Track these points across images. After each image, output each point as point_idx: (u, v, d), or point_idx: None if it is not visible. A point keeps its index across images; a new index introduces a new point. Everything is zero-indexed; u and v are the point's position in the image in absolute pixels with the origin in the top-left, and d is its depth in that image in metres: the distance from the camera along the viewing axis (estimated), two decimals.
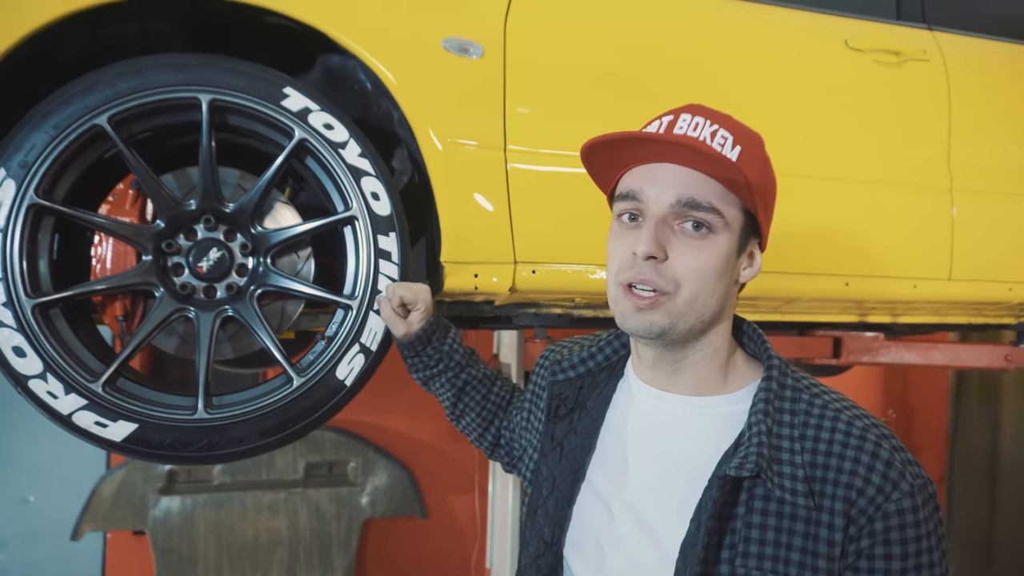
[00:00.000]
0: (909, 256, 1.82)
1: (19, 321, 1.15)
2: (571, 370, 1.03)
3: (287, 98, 1.29)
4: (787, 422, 0.84)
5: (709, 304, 0.86)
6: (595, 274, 1.55)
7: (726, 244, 0.85)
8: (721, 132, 0.84)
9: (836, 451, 0.80)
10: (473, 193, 1.42)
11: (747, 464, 0.79)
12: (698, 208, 0.83)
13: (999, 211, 1.91)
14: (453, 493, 4.01)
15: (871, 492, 0.77)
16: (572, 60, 1.54)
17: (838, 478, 0.79)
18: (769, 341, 0.92)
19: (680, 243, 0.84)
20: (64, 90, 1.19)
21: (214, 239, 1.28)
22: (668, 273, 0.84)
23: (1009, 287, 1.93)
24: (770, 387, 0.85)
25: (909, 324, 2.22)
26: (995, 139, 1.93)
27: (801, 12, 1.77)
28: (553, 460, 0.97)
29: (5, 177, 1.15)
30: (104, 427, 1.19)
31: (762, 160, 0.88)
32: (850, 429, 0.81)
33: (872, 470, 0.78)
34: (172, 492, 3.46)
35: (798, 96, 1.72)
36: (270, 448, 1.32)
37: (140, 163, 1.20)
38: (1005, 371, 2.25)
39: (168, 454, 1.23)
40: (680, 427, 0.90)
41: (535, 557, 0.95)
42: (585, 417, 0.97)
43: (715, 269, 0.85)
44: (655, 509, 0.87)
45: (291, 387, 1.29)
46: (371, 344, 1.33)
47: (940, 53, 1.89)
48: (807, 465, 0.81)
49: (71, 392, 1.17)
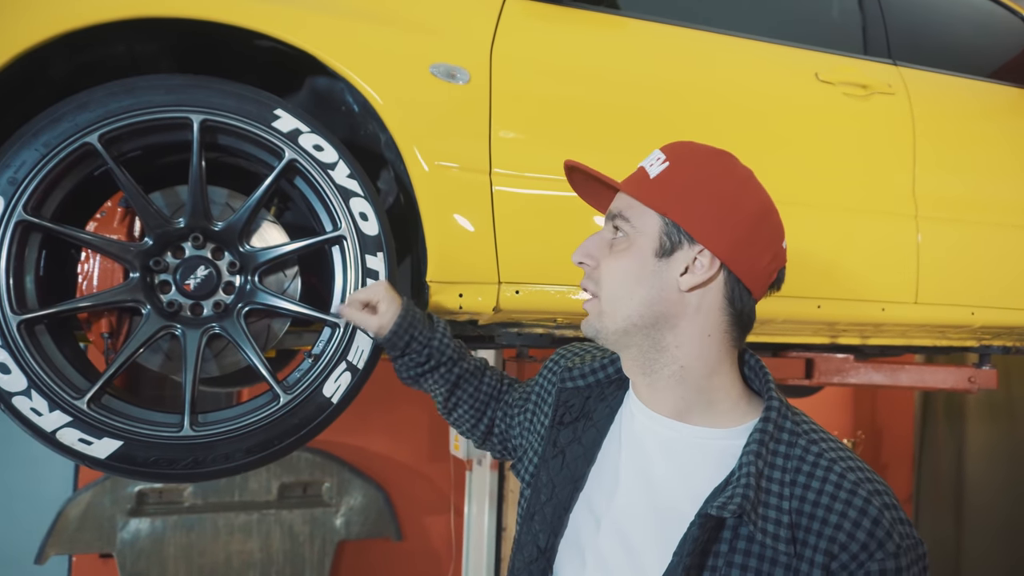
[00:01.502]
0: (877, 280, 1.88)
1: (4, 337, 1.14)
2: (580, 379, 1.05)
3: (278, 119, 1.31)
4: (780, 466, 0.84)
5: (631, 304, 0.90)
6: (576, 294, 1.58)
7: (640, 249, 0.90)
8: (657, 155, 0.93)
9: (824, 502, 0.79)
10: (459, 214, 1.45)
11: (730, 505, 0.79)
12: (615, 218, 0.94)
13: (961, 238, 1.99)
14: (428, 514, 3.99)
15: (854, 548, 0.77)
16: (554, 88, 1.59)
17: (822, 529, 0.78)
18: (772, 378, 0.92)
19: (607, 250, 0.94)
20: (55, 109, 1.19)
21: (202, 257, 1.29)
22: (595, 276, 0.94)
23: (972, 311, 2.01)
24: (766, 428, 0.85)
25: (878, 346, 2.29)
26: (956, 169, 2.01)
27: (774, 45, 1.84)
28: (554, 467, 0.98)
29: None
30: (88, 444, 1.18)
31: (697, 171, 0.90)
32: (841, 482, 0.80)
33: (858, 526, 0.77)
34: (141, 514, 3.40)
35: (772, 125, 1.79)
36: (255, 466, 1.32)
37: (130, 181, 1.21)
38: (969, 392, 2.32)
39: (153, 471, 1.22)
40: (669, 454, 0.90)
41: (528, 562, 0.95)
42: (590, 428, 0.99)
43: (628, 270, 0.90)
44: (639, 532, 0.88)
45: (278, 404, 1.30)
46: (358, 362, 1.34)
47: (904, 87, 1.97)
48: (794, 512, 0.80)
49: (55, 409, 1.16)
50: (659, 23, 1.73)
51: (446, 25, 1.51)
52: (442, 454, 3.95)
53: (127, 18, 1.23)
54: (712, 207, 0.89)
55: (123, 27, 1.28)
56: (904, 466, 4.51)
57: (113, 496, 3.39)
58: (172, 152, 1.33)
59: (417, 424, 3.99)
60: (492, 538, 3.61)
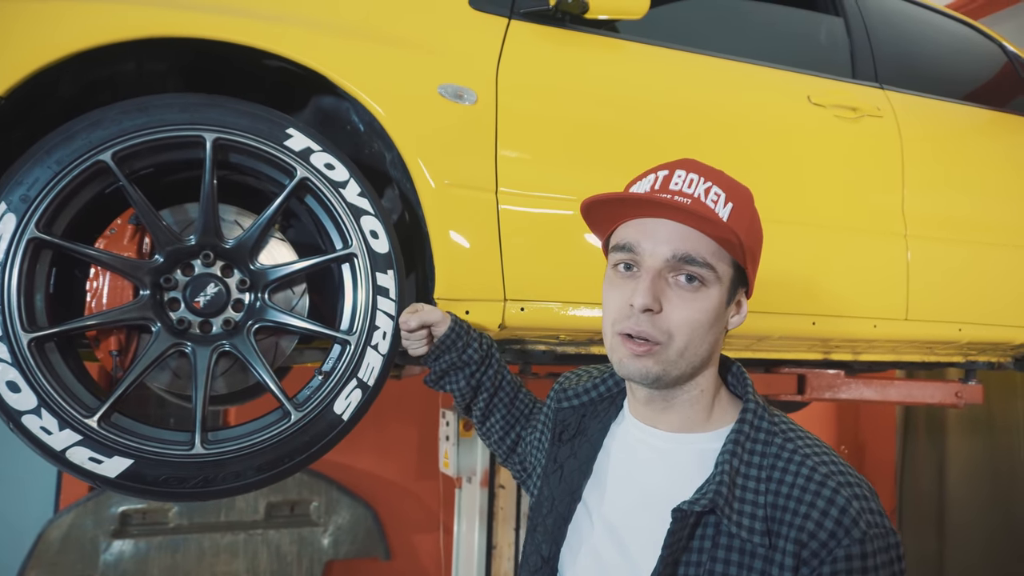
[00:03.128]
0: (870, 297, 1.93)
1: (14, 355, 1.13)
2: (575, 399, 1.10)
3: (290, 138, 1.32)
4: (756, 463, 0.87)
5: (699, 352, 0.90)
6: (579, 312, 1.60)
7: (717, 296, 0.89)
8: (715, 190, 0.89)
9: (795, 494, 0.83)
10: (466, 233, 1.47)
11: (701, 500, 0.84)
12: (693, 263, 0.87)
13: (949, 256, 2.04)
14: (417, 532, 3.96)
15: (823, 536, 0.80)
16: (557, 108, 1.62)
17: (793, 520, 0.82)
18: (752, 383, 0.96)
19: (675, 295, 0.88)
20: (68, 126, 1.20)
21: (211, 275, 1.29)
22: (663, 325, 0.88)
23: (959, 327, 2.06)
24: (742, 429, 0.89)
25: (866, 362, 2.34)
26: (943, 189, 2.07)
27: (769, 69, 1.89)
28: (553, 482, 1.03)
29: (6, 211, 1.15)
30: (99, 463, 1.17)
31: (751, 216, 0.93)
32: (812, 475, 0.84)
33: (826, 515, 0.80)
34: (125, 535, 3.34)
35: (768, 146, 1.83)
36: (266, 484, 1.31)
37: (142, 199, 1.21)
38: (955, 407, 2.37)
39: (163, 490, 1.21)
40: (661, 461, 0.94)
41: (533, 572, 1.00)
42: (585, 444, 1.03)
43: (707, 321, 0.89)
44: (632, 534, 0.92)
45: (289, 422, 1.30)
46: (368, 379, 1.35)
47: (892, 110, 2.03)
48: (768, 506, 0.84)
49: (65, 428, 1.16)
50: (659, 47, 1.77)
51: (453, 47, 1.53)
52: (431, 472, 3.93)
53: (144, 37, 1.24)
54: (758, 254, 0.95)
55: (135, 45, 1.28)
56: (887, 481, 4.57)
57: (96, 518, 3.33)
58: (180, 170, 1.34)
59: (406, 442, 3.97)
60: (482, 556, 3.58)
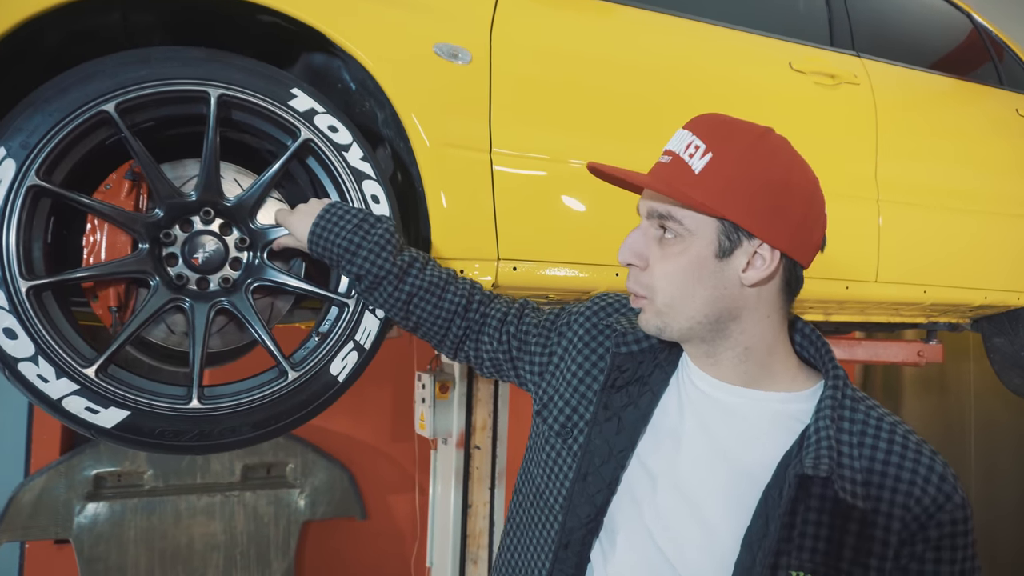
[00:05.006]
0: (843, 259, 2.00)
1: (12, 303, 1.12)
2: (635, 344, 1.04)
3: (295, 98, 1.31)
4: (847, 429, 0.89)
5: (695, 305, 0.91)
6: (570, 272, 1.64)
7: (695, 249, 0.89)
8: (695, 143, 0.90)
9: (894, 460, 0.86)
10: (461, 192, 1.48)
11: (821, 465, 0.83)
12: (661, 217, 0.91)
13: (917, 221, 2.13)
14: (393, 493, 4.01)
15: (927, 502, 0.84)
16: (549, 69, 1.63)
17: (896, 486, 0.85)
18: (831, 347, 0.96)
19: (657, 250, 0.92)
20: (68, 75, 1.18)
21: (211, 232, 1.29)
22: (645, 280, 0.93)
23: (924, 289, 2.16)
24: (835, 396, 0.90)
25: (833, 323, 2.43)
26: (914, 157, 2.15)
27: (753, 35, 1.93)
28: (609, 431, 1.00)
29: (6, 156, 1.13)
30: (95, 413, 1.17)
31: (740, 161, 0.88)
32: (906, 442, 0.88)
33: (928, 482, 0.85)
34: (99, 498, 3.32)
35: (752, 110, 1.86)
36: (260, 440, 1.33)
37: (144, 152, 1.20)
38: (917, 365, 2.49)
39: (159, 443, 1.22)
40: (730, 416, 0.94)
41: (586, 521, 0.97)
42: (646, 392, 1.00)
43: (684, 273, 0.90)
44: (704, 492, 0.91)
45: (285, 380, 1.31)
46: (365, 342, 1.36)
47: (868, 78, 2.09)
48: (864, 471, 0.86)
49: (63, 376, 1.15)
50: (650, 10, 1.79)
51: (448, 5, 1.53)
52: (407, 433, 3.97)
53: None
54: (767, 199, 0.88)
55: None
56: None
57: (68, 480, 3.30)
58: (175, 126, 1.32)
59: (381, 404, 4.00)
60: (458, 515, 3.66)
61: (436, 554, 3.74)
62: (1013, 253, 2.30)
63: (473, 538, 3.63)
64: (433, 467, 3.86)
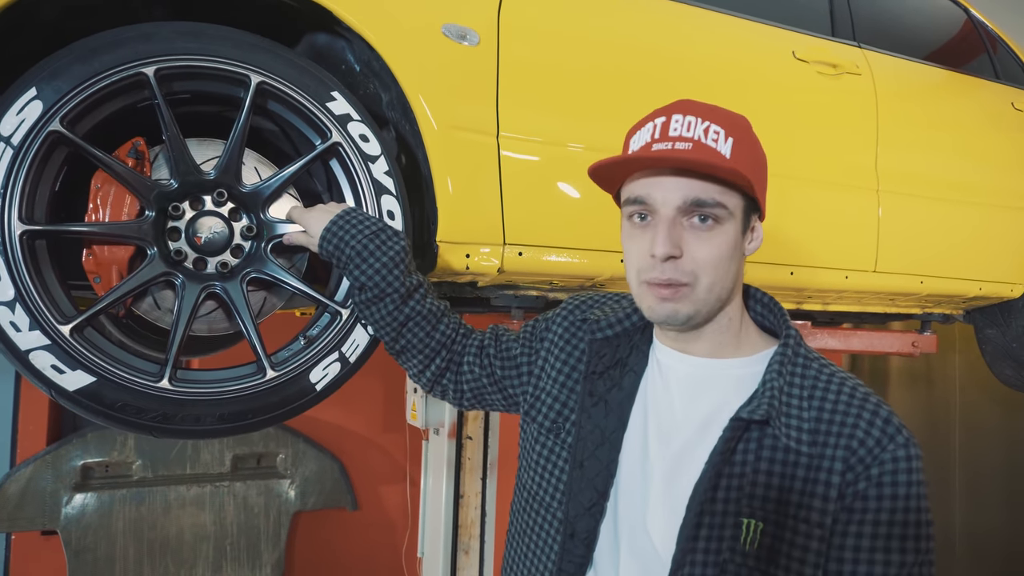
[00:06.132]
0: (843, 249, 2.01)
1: (3, 242, 1.10)
2: (609, 329, 1.08)
3: (333, 100, 1.31)
4: (798, 384, 0.93)
5: (726, 286, 0.95)
6: (574, 259, 1.63)
7: (732, 231, 0.93)
8: (713, 128, 0.91)
9: (841, 409, 0.90)
10: (468, 176, 1.47)
11: (758, 410, 0.89)
12: (704, 205, 0.91)
13: (915, 211, 2.14)
14: (384, 484, 4.00)
15: (870, 443, 0.87)
16: (557, 53, 1.62)
17: (841, 431, 0.89)
18: (786, 312, 1.03)
19: (692, 238, 0.92)
20: (118, 32, 1.17)
21: (219, 214, 1.26)
22: (687, 267, 0.92)
23: (921, 280, 2.17)
24: (786, 352, 0.95)
25: (828, 312, 2.44)
26: (913, 148, 2.16)
27: (759, 24, 1.92)
28: (598, 415, 1.03)
29: (35, 97, 1.11)
30: (60, 373, 1.13)
31: (752, 144, 0.96)
32: (854, 393, 0.92)
33: (872, 425, 0.89)
34: (87, 488, 3.27)
35: (757, 98, 1.87)
36: (223, 435, 1.29)
37: (173, 122, 1.18)
38: (911, 355, 2.51)
39: (118, 416, 1.18)
40: (699, 386, 0.99)
41: (589, 507, 0.99)
42: (628, 373, 1.04)
43: (726, 255, 0.93)
44: (677, 452, 0.95)
45: (262, 378, 1.27)
46: (350, 355, 1.34)
47: (869, 68, 2.10)
48: (813, 420, 0.91)
49: (36, 329, 1.11)
50: None
51: None
52: (398, 424, 3.96)
53: None
54: (764, 177, 0.98)
55: None
56: None
57: (55, 471, 3.25)
58: (200, 103, 1.31)
59: (372, 394, 3.98)
60: (450, 505, 3.65)
61: (427, 544, 3.73)
62: (1009, 245, 2.33)
63: (465, 528, 3.63)
64: (425, 457, 3.85)
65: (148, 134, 1.28)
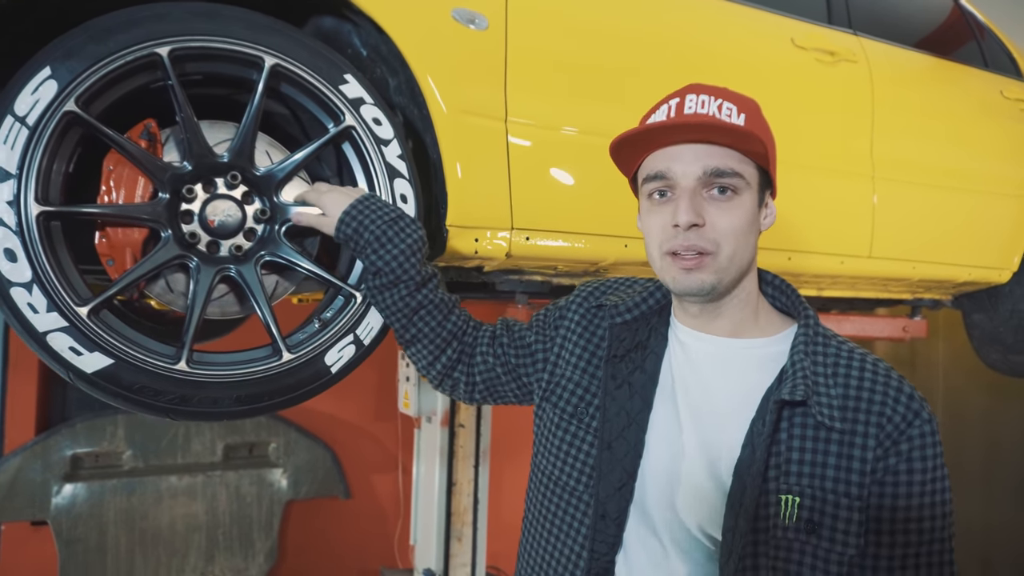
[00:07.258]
0: (839, 235, 2.04)
1: (20, 224, 1.08)
2: (627, 313, 1.11)
3: (346, 83, 1.30)
4: (821, 362, 0.97)
5: (745, 256, 0.99)
6: (580, 244, 1.64)
7: (750, 201, 0.98)
8: (726, 105, 0.97)
9: (867, 386, 0.94)
10: (477, 160, 1.47)
11: (797, 391, 0.92)
12: (723, 175, 0.95)
13: (908, 198, 2.18)
14: (377, 472, 4.00)
15: (897, 419, 0.92)
16: (566, 38, 1.62)
17: (870, 407, 0.92)
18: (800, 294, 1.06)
19: (713, 208, 0.96)
20: (132, 12, 1.16)
21: (232, 197, 1.25)
22: (709, 235, 0.95)
23: (913, 265, 2.21)
24: (807, 333, 0.99)
25: (821, 298, 2.48)
26: (907, 135, 2.19)
27: (759, 11, 1.94)
28: (623, 397, 1.05)
29: (49, 77, 1.10)
30: (78, 355, 1.13)
31: (764, 122, 1.01)
32: (876, 369, 0.96)
33: (898, 402, 0.93)
34: (77, 478, 3.24)
35: (758, 84, 1.88)
36: (240, 416, 1.29)
37: (187, 103, 1.17)
38: (902, 340, 2.55)
39: (136, 399, 1.18)
40: (721, 364, 1.02)
41: (619, 487, 1.01)
42: (649, 355, 1.07)
43: (745, 224, 0.97)
44: (709, 431, 0.98)
45: (278, 360, 1.27)
46: (365, 338, 1.34)
47: (865, 56, 2.12)
48: (840, 396, 0.94)
49: (54, 310, 1.10)
50: None
51: None
52: (390, 412, 3.96)
53: None
54: (775, 155, 1.00)
55: None
56: None
57: (45, 461, 3.22)
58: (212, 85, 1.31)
59: (364, 382, 3.97)
60: (443, 493, 3.66)
61: (420, 532, 3.74)
62: (997, 231, 2.37)
63: (458, 516, 3.64)
64: (417, 446, 3.85)
65: (157, 116, 1.27)
